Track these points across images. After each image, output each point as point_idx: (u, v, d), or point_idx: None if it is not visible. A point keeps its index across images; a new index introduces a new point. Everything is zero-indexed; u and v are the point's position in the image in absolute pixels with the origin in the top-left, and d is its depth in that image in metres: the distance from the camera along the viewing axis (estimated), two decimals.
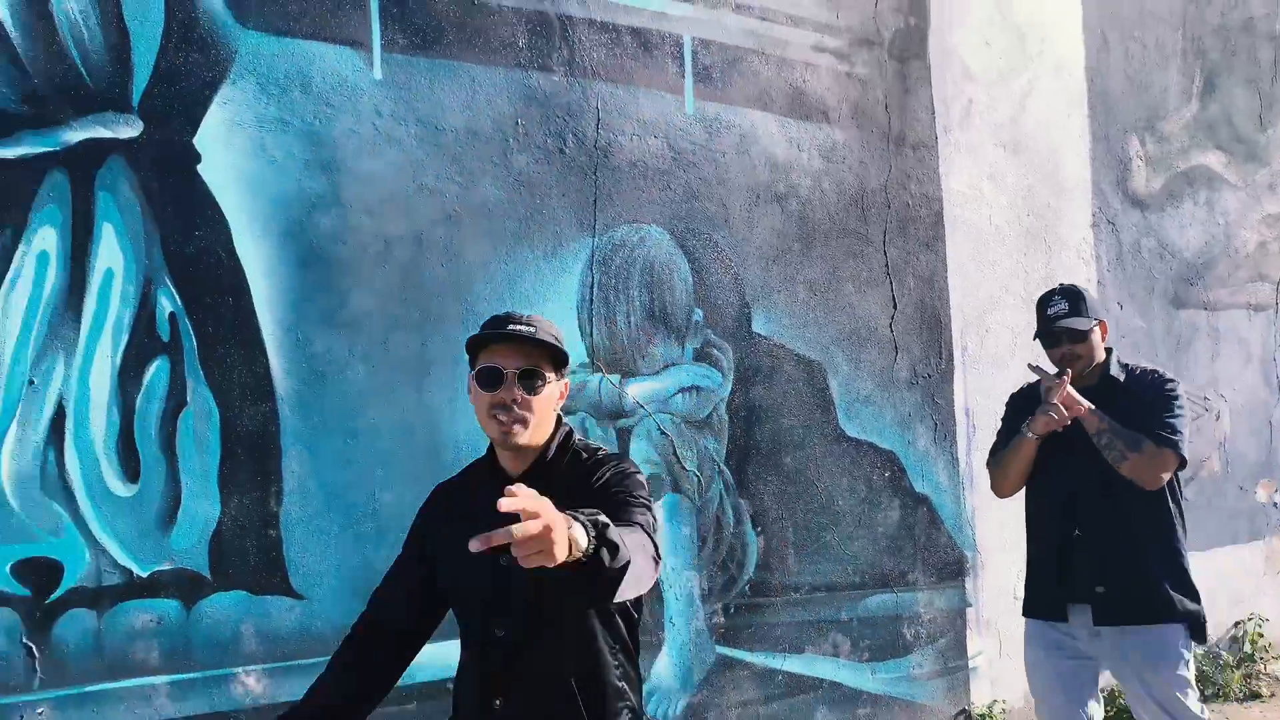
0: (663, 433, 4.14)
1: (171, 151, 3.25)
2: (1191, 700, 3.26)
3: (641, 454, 4.09)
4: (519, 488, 1.53)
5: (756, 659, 4.34)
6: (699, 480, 4.22)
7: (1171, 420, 3.26)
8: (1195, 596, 3.29)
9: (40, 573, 3.03)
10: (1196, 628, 3.28)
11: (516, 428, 2.04)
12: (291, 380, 3.42)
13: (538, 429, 2.07)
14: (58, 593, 3.05)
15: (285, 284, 3.42)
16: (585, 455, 2.13)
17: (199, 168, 3.29)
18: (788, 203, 4.53)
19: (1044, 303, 3.45)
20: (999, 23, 5.35)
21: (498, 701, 2.05)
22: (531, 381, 2.04)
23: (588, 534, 1.62)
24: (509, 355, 2.04)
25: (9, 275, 3.03)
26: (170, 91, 3.27)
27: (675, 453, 4.16)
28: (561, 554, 1.53)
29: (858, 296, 4.71)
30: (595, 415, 3.99)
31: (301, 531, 3.41)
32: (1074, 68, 5.67)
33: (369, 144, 3.58)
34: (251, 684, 3.32)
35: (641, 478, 2.10)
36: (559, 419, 2.16)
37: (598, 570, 1.63)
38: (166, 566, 3.21)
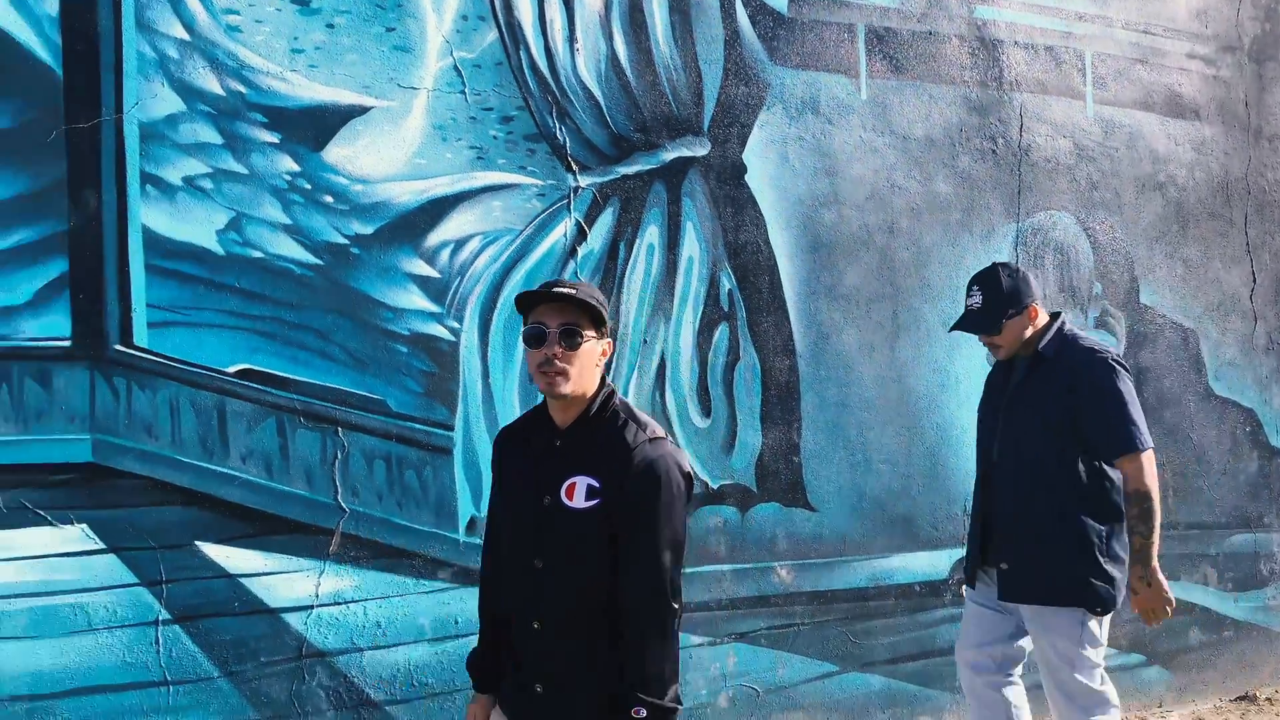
0: None
1: (728, 165, 4.23)
2: (1089, 677, 3.21)
3: None
4: None
5: None
6: None
7: (1119, 418, 3.13)
8: (1103, 576, 3.20)
9: None
10: (1100, 604, 3.21)
11: (559, 379, 2.18)
12: (806, 340, 4.36)
13: (579, 382, 2.20)
14: None
15: (800, 266, 4.36)
16: (624, 421, 2.23)
17: (746, 177, 4.26)
18: (1167, 191, 5.22)
19: (967, 290, 3.36)
20: None
21: (535, 624, 2.25)
22: (571, 338, 2.18)
23: None
24: (552, 315, 2.20)
25: (630, 261, 4.06)
26: (727, 118, 4.24)
27: None
28: None
29: (1224, 272, 5.36)
30: None
31: (814, 459, 4.35)
32: None
33: (857, 152, 4.48)
34: (784, 575, 4.29)
35: (676, 473, 2.20)
36: (604, 379, 2.29)
37: None
38: (728, 481, 4.20)
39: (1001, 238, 4.79)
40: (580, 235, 3.97)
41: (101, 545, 3.29)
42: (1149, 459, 3.13)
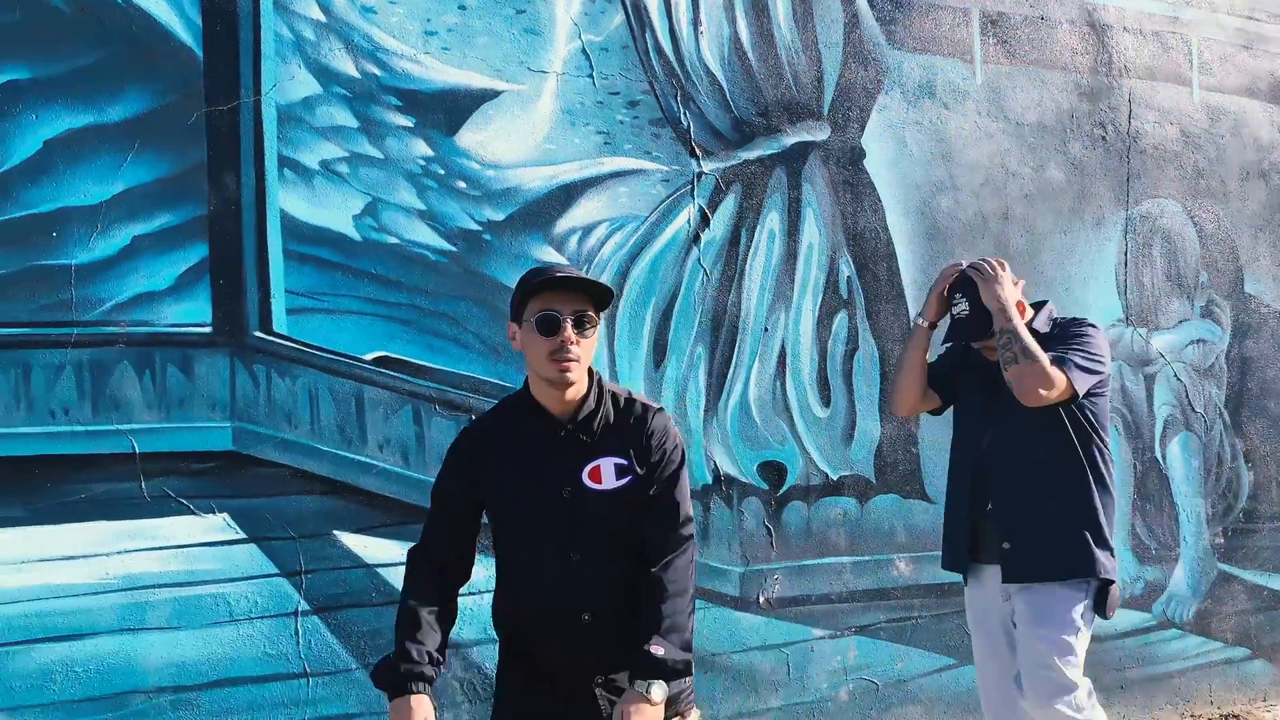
0: (1178, 379, 4.84)
1: (847, 150, 4.16)
2: (1069, 668, 3.05)
3: (1161, 398, 4.81)
4: None
5: (1248, 576, 5.01)
6: (1205, 421, 4.91)
7: (1075, 352, 3.02)
8: (1108, 546, 3.09)
9: (773, 472, 4.00)
10: (1099, 598, 3.09)
11: (572, 365, 2.14)
12: None
13: (585, 369, 2.19)
14: (784, 488, 4.02)
15: (918, 252, 4.29)
16: (626, 402, 2.27)
17: (865, 162, 4.19)
18: (1270, 178, 5.14)
19: (951, 300, 3.23)
20: None
21: (586, 615, 2.20)
22: (584, 324, 2.15)
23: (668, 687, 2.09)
24: (562, 301, 2.14)
25: (752, 247, 3.99)
26: (846, 101, 4.17)
27: (1188, 397, 4.86)
28: None
29: None
30: (1129, 364, 4.73)
31: (932, 449, 4.27)
32: None
33: (972, 138, 4.41)
34: (902, 568, 4.22)
35: (679, 437, 2.30)
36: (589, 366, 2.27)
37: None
38: (847, 472, 4.14)
39: (1111, 225, 4.72)
40: (703, 221, 3.91)
41: (242, 535, 3.24)
42: (1063, 389, 2.96)
